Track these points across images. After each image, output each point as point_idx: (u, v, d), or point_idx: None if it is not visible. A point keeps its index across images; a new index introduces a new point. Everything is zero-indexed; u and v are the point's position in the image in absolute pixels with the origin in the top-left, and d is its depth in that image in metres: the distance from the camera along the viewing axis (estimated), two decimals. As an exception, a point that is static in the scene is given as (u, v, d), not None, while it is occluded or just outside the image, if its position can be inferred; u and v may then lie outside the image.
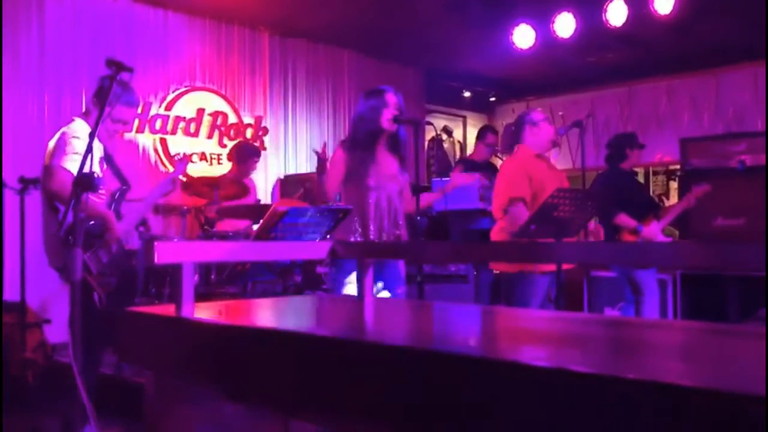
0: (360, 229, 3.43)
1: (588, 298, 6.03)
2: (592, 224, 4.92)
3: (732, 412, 0.87)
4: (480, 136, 6.27)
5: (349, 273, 3.31)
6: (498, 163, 6.13)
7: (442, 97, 8.80)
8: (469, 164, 6.23)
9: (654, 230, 4.85)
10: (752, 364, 1.20)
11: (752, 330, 1.93)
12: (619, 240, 4.84)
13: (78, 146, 3.19)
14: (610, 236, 4.94)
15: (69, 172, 3.13)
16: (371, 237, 3.43)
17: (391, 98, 3.55)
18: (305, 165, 7.13)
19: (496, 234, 4.04)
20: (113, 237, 3.30)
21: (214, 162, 6.48)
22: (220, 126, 6.55)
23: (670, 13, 5.56)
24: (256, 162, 5.94)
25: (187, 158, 4.72)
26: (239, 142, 6.34)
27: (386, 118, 3.51)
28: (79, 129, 3.32)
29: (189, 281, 1.76)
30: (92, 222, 3.26)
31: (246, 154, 5.82)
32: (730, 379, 1.07)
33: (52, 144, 3.36)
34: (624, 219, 4.81)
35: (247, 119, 6.76)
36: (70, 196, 3.04)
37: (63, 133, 3.31)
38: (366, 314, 2.03)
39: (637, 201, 4.99)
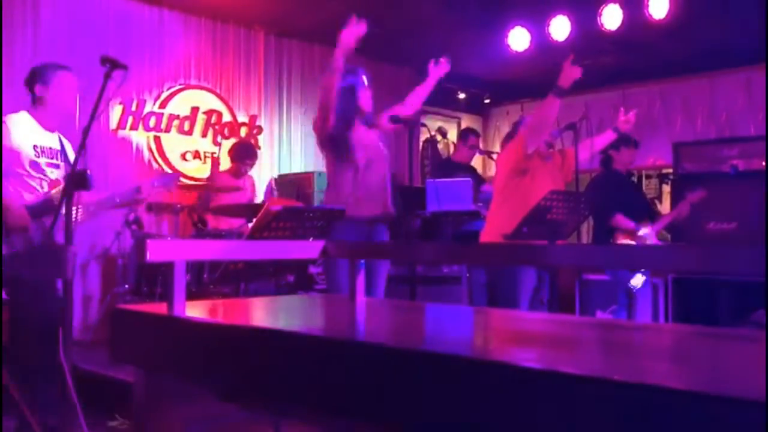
0: (353, 207, 3.38)
1: (580, 301, 6.04)
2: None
3: (723, 416, 0.87)
4: (462, 138, 6.28)
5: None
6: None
7: (436, 98, 8.75)
8: (450, 166, 6.24)
9: (649, 233, 4.85)
10: (745, 368, 1.20)
11: (744, 334, 1.94)
12: (614, 242, 4.84)
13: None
14: (603, 239, 4.93)
15: None
16: (365, 213, 3.42)
17: (364, 77, 3.56)
18: (299, 164, 7.12)
19: (486, 235, 4.01)
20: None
21: (208, 160, 6.47)
22: (214, 124, 6.53)
23: (665, 17, 5.58)
24: (250, 164, 5.93)
25: (173, 176, 4.62)
26: (239, 141, 6.36)
27: (364, 97, 3.52)
28: (15, 121, 3.25)
29: (181, 279, 1.75)
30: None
31: (241, 154, 5.83)
32: (723, 383, 1.07)
33: None
34: (621, 220, 4.80)
35: (242, 118, 6.74)
36: None
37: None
38: (357, 314, 2.02)
39: (634, 203, 4.99)
